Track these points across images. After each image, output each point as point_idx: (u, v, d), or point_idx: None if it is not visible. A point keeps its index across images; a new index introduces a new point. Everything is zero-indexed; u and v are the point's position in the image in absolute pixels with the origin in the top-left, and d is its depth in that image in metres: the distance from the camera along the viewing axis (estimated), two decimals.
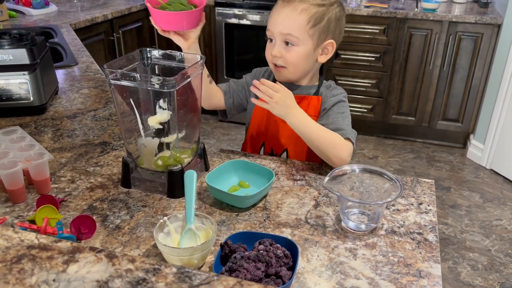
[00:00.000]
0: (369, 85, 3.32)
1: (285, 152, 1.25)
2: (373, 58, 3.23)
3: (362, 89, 3.34)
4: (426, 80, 3.20)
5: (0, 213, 0.93)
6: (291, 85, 1.22)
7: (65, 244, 0.56)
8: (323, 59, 1.20)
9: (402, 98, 3.31)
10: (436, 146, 3.42)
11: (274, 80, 1.23)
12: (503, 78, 2.89)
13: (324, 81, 1.26)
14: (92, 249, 0.55)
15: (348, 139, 1.12)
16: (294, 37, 1.13)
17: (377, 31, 3.15)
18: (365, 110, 3.39)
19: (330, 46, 1.18)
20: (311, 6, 1.12)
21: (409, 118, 3.35)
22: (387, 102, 3.34)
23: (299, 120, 1.10)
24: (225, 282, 0.50)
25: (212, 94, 1.27)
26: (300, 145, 1.20)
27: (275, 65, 1.19)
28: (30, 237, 0.57)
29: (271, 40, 1.19)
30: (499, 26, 2.92)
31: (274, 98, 1.08)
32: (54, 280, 0.50)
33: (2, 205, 0.96)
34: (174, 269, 0.51)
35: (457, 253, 2.28)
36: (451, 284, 2.09)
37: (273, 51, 1.16)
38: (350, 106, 1.23)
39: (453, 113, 3.25)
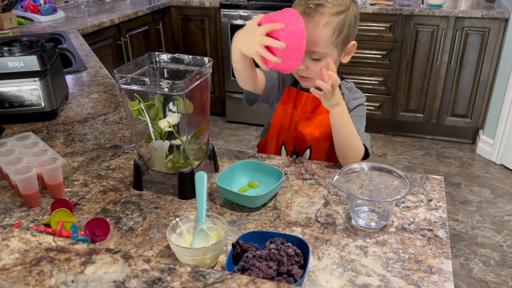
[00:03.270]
0: (376, 82, 3.31)
1: (308, 150, 1.27)
2: (380, 56, 3.22)
3: (369, 86, 3.33)
4: (434, 77, 3.19)
5: (16, 217, 0.95)
6: None
7: (81, 246, 0.57)
8: (346, 59, 1.20)
9: (410, 95, 3.30)
10: (445, 142, 3.40)
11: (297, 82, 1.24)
12: (511, 72, 2.87)
13: (344, 82, 1.27)
14: (108, 250, 0.56)
15: (363, 145, 1.16)
16: (320, 52, 1.12)
17: (383, 28, 3.14)
18: (373, 108, 3.39)
19: (352, 47, 1.18)
20: (331, 17, 1.10)
21: (417, 115, 3.34)
22: (395, 99, 3.33)
23: (341, 115, 1.12)
24: (239, 280, 0.51)
25: (254, 76, 1.19)
26: (322, 143, 1.23)
27: (301, 75, 1.18)
28: (48, 240, 0.59)
29: None
30: (506, 20, 2.90)
31: (334, 89, 1.07)
32: (72, 281, 0.51)
33: (18, 209, 0.98)
34: (189, 268, 0.53)
35: (468, 249, 2.27)
36: (463, 281, 2.08)
37: (300, 65, 1.12)
38: None
39: (461, 109, 3.23)
